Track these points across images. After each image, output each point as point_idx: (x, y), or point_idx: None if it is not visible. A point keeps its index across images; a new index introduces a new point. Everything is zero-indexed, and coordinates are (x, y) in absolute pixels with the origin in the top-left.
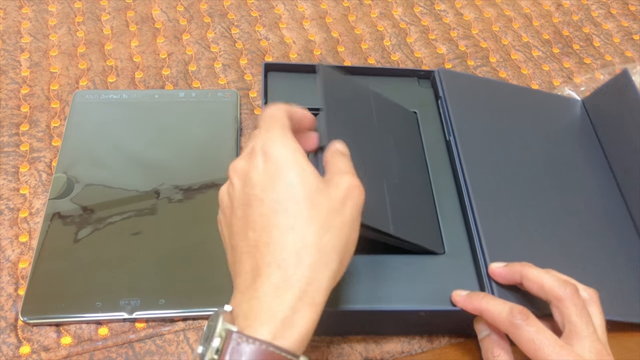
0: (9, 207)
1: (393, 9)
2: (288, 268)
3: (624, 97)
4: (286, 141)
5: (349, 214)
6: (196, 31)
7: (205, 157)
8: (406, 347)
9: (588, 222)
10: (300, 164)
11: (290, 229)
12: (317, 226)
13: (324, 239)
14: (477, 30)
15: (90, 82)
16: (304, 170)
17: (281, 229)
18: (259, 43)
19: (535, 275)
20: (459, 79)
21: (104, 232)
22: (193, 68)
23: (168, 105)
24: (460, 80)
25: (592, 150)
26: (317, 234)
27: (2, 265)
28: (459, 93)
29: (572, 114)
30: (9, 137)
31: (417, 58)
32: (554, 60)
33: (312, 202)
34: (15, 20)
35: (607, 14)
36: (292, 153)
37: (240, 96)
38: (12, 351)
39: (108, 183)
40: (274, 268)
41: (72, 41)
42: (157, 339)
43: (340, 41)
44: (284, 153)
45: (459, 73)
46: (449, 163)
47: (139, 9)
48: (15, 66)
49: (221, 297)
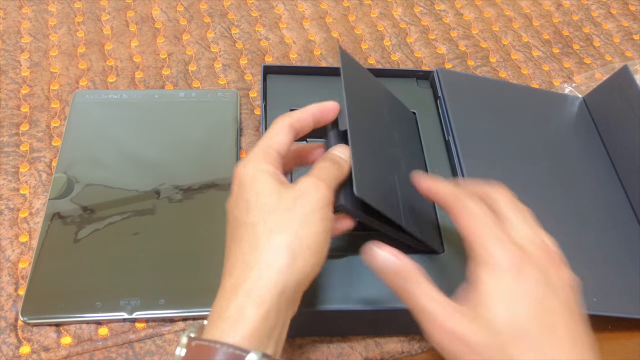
0: (9, 207)
1: (393, 9)
2: (235, 274)
3: (624, 93)
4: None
5: (301, 212)
6: (196, 31)
7: (205, 157)
8: (406, 347)
9: (590, 218)
10: (257, 178)
11: (240, 238)
12: (263, 228)
13: (270, 238)
14: (477, 30)
15: (90, 82)
16: (261, 184)
17: (236, 240)
18: (259, 43)
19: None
20: (458, 78)
21: (104, 232)
22: (193, 68)
23: (168, 105)
24: (459, 80)
25: (593, 146)
26: (265, 235)
27: (2, 265)
28: (458, 93)
29: (573, 111)
30: (9, 137)
31: (417, 58)
32: (554, 60)
33: (261, 207)
34: (15, 20)
35: (607, 14)
36: (253, 172)
37: (240, 96)
38: (12, 351)
39: (108, 183)
40: (227, 276)
41: (72, 41)
42: (157, 339)
43: (340, 41)
44: (246, 173)
45: (457, 73)
46: (448, 163)
47: (139, 9)
48: (15, 66)
49: None
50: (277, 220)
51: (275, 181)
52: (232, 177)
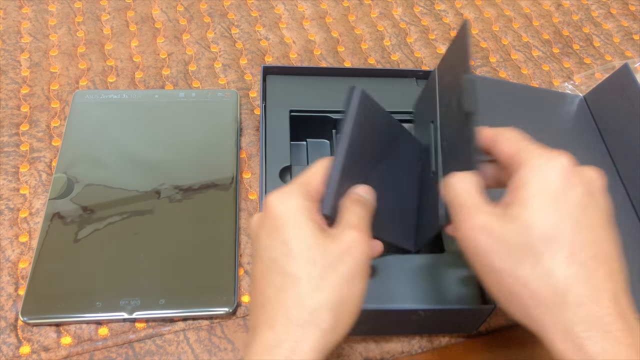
0: (9, 207)
1: (393, 9)
2: (278, 328)
3: (625, 91)
4: (290, 198)
5: (347, 270)
6: (196, 31)
7: (206, 157)
8: (406, 347)
9: None
10: (298, 221)
11: (282, 288)
12: (308, 284)
13: (315, 296)
14: (477, 30)
15: (90, 82)
16: (301, 229)
17: (275, 288)
18: (259, 43)
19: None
20: None
21: (104, 232)
22: (193, 68)
23: (168, 105)
24: None
25: (594, 145)
26: (308, 291)
27: (2, 265)
28: None
29: (573, 109)
30: (9, 137)
31: (417, 58)
32: (554, 60)
33: (305, 260)
34: (15, 20)
35: (607, 14)
36: (293, 211)
37: (240, 96)
38: (12, 351)
39: (108, 183)
40: (266, 329)
41: (72, 41)
42: (157, 339)
43: (340, 41)
44: (284, 211)
45: None
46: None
47: (139, 9)
48: (15, 66)
49: (221, 297)
50: (323, 277)
51: (317, 227)
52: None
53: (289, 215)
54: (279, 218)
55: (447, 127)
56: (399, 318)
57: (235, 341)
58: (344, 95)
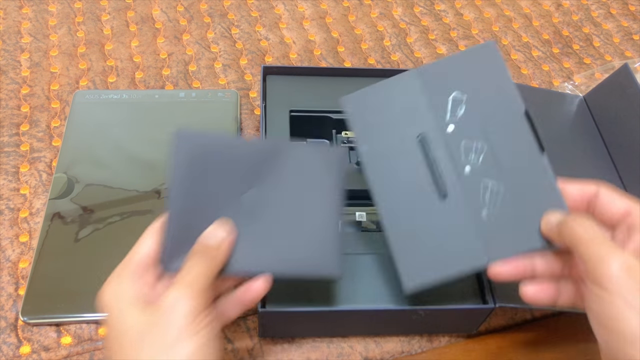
0: (9, 207)
1: (393, 9)
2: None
3: (625, 91)
4: (113, 285)
5: (172, 337)
6: (196, 31)
7: None
8: (406, 347)
9: None
10: (122, 311)
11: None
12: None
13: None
14: (477, 30)
15: (91, 82)
16: (125, 319)
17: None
18: (259, 43)
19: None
20: None
21: (104, 232)
22: (193, 68)
23: (168, 105)
24: None
25: (594, 144)
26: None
27: (2, 265)
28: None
29: (573, 109)
30: (9, 137)
31: (417, 58)
32: (554, 60)
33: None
34: (15, 20)
35: (607, 14)
36: (116, 299)
37: (240, 96)
38: (12, 351)
39: (108, 183)
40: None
41: (72, 41)
42: None
43: (340, 41)
44: (108, 302)
45: None
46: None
47: (139, 9)
48: (15, 66)
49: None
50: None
51: (140, 307)
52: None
53: (112, 305)
54: (108, 310)
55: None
56: (399, 318)
57: (235, 341)
58: (341, 95)
